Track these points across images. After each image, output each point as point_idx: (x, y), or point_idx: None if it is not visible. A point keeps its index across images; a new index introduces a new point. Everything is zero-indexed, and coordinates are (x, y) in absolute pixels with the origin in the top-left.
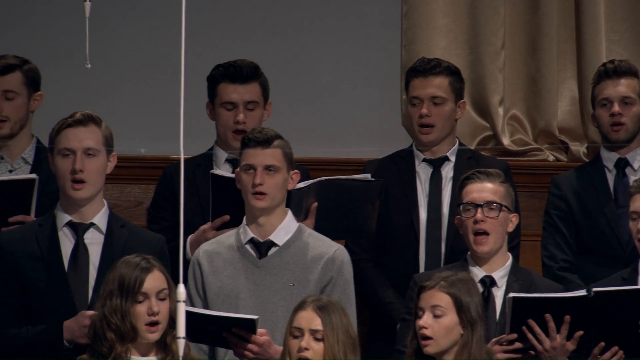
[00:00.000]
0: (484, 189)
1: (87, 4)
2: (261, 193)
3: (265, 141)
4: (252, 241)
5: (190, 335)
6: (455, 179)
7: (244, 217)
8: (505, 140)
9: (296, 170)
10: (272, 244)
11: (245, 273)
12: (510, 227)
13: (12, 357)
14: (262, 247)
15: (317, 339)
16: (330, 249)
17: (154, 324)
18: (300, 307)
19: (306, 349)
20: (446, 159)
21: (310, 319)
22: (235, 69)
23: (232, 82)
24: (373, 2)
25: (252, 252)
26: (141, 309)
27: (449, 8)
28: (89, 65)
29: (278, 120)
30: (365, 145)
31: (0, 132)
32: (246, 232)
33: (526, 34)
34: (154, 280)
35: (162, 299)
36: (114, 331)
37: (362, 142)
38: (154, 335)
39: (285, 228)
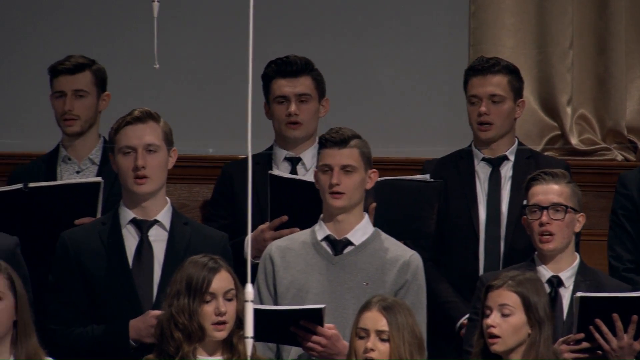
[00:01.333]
0: (550, 191)
1: (156, 4)
2: (338, 193)
3: (342, 141)
4: (328, 238)
5: (257, 334)
6: (514, 178)
7: (321, 215)
8: (574, 140)
9: (374, 170)
10: (349, 242)
11: (319, 269)
12: (577, 227)
13: (78, 355)
14: (338, 245)
15: (382, 340)
16: (406, 253)
17: (221, 323)
18: (365, 307)
19: (372, 349)
20: (505, 158)
21: (375, 320)
22: (286, 64)
23: (284, 77)
24: (441, 2)
25: (328, 249)
26: (208, 309)
27: (517, 7)
28: (157, 66)
29: (357, 121)
30: (432, 145)
31: (70, 130)
32: (322, 229)
33: (594, 34)
34: (221, 281)
35: (229, 299)
36: (182, 331)
37: (428, 142)
38: (222, 334)
39: (362, 229)
